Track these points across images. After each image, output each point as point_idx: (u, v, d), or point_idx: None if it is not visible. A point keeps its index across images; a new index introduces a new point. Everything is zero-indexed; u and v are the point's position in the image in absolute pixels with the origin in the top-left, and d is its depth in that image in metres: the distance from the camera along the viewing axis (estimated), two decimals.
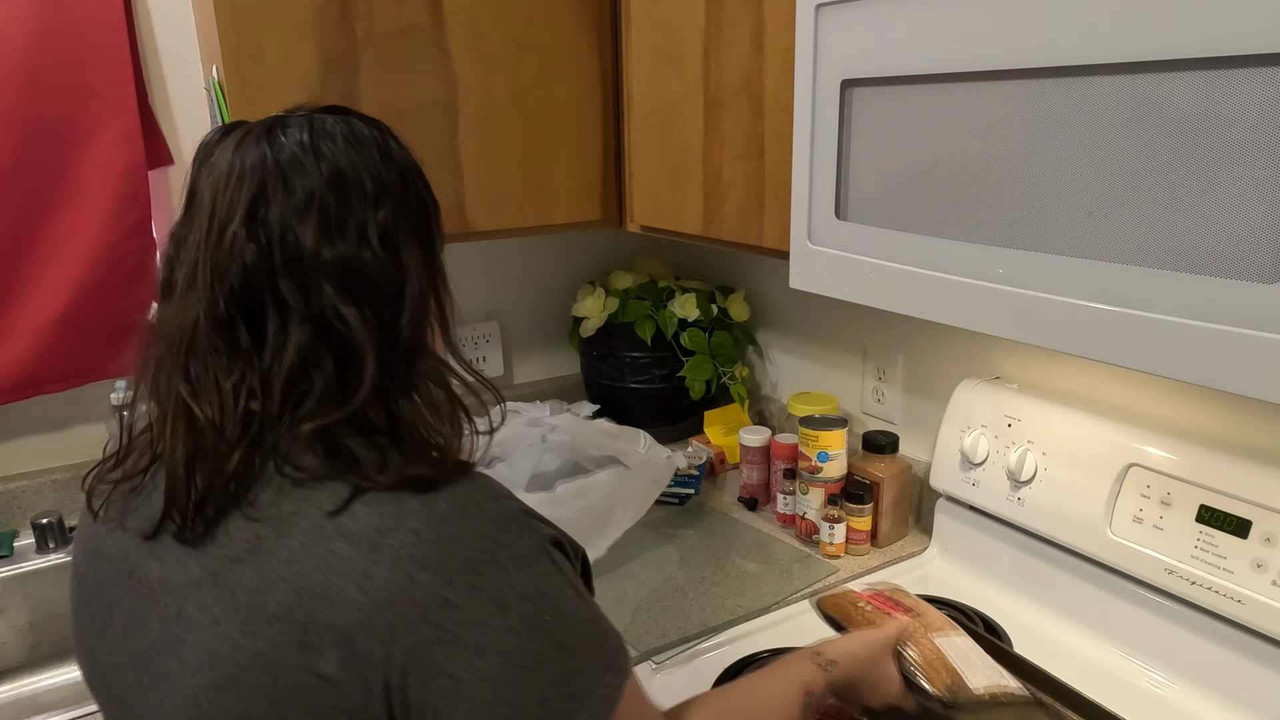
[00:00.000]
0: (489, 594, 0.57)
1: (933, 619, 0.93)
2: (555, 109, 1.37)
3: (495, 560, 0.58)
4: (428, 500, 0.59)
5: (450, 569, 0.57)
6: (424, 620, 0.55)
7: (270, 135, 0.64)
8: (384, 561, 0.56)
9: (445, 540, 0.57)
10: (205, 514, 0.60)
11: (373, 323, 0.62)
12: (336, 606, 0.55)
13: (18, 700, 1.36)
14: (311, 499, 0.58)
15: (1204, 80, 0.61)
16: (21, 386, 1.35)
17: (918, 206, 0.85)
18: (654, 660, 1.07)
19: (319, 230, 0.61)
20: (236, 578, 0.58)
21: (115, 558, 0.65)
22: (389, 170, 0.66)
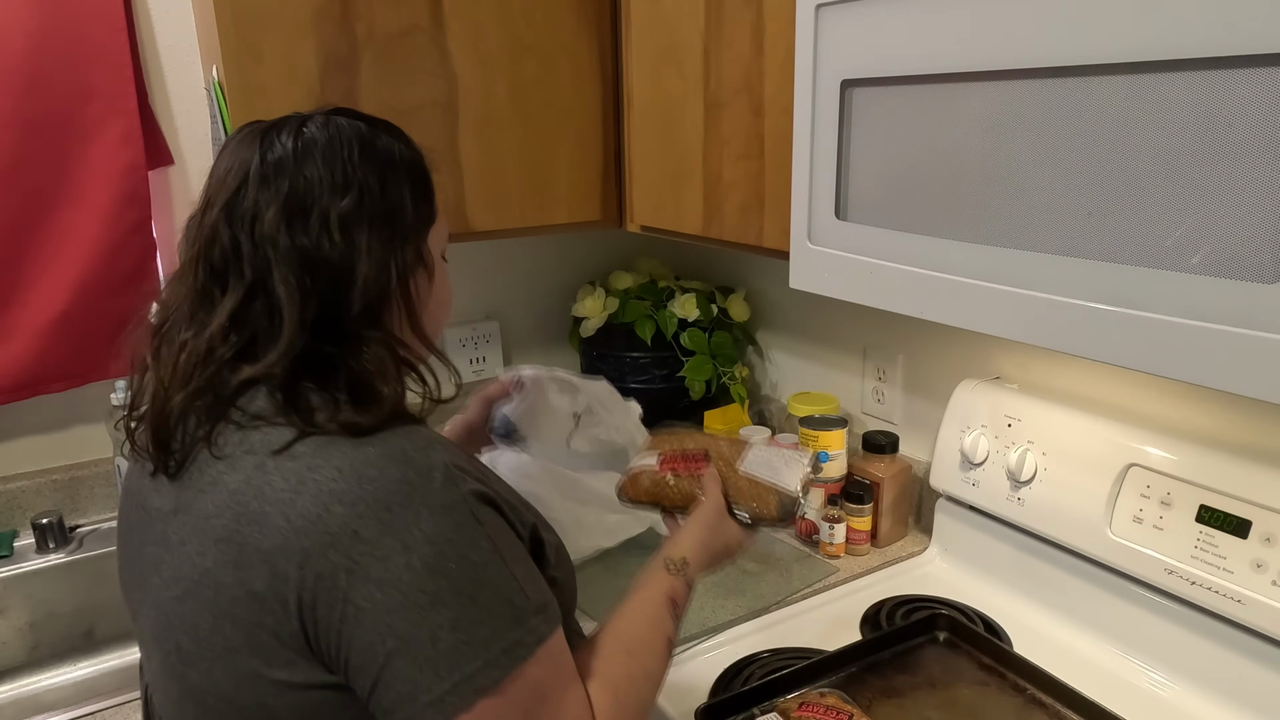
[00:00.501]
0: (396, 532, 0.62)
1: (724, 449, 0.96)
2: (555, 109, 1.37)
3: (409, 503, 0.63)
4: (360, 444, 0.65)
5: (363, 505, 0.62)
6: (333, 548, 0.61)
7: (264, 137, 0.72)
8: (307, 494, 0.63)
9: (365, 479, 0.63)
10: (173, 454, 0.69)
11: (310, 292, 0.69)
12: (265, 531, 0.63)
13: (18, 700, 1.36)
14: (264, 440, 0.66)
15: (1204, 80, 0.61)
16: (21, 386, 1.35)
17: (918, 206, 0.85)
18: None
19: (279, 217, 0.69)
20: (199, 506, 0.66)
21: (135, 491, 0.76)
22: (366, 170, 0.73)
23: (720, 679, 1.03)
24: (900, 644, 1.06)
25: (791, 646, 1.09)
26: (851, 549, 1.31)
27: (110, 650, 1.43)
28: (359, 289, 0.71)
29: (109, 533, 1.46)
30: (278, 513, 0.63)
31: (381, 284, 0.73)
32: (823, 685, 0.98)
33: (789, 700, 0.93)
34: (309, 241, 0.70)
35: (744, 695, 0.95)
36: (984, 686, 0.99)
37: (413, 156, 0.79)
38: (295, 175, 0.71)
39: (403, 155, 0.77)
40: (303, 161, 0.71)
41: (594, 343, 1.72)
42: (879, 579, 1.25)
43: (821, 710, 0.90)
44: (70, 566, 1.40)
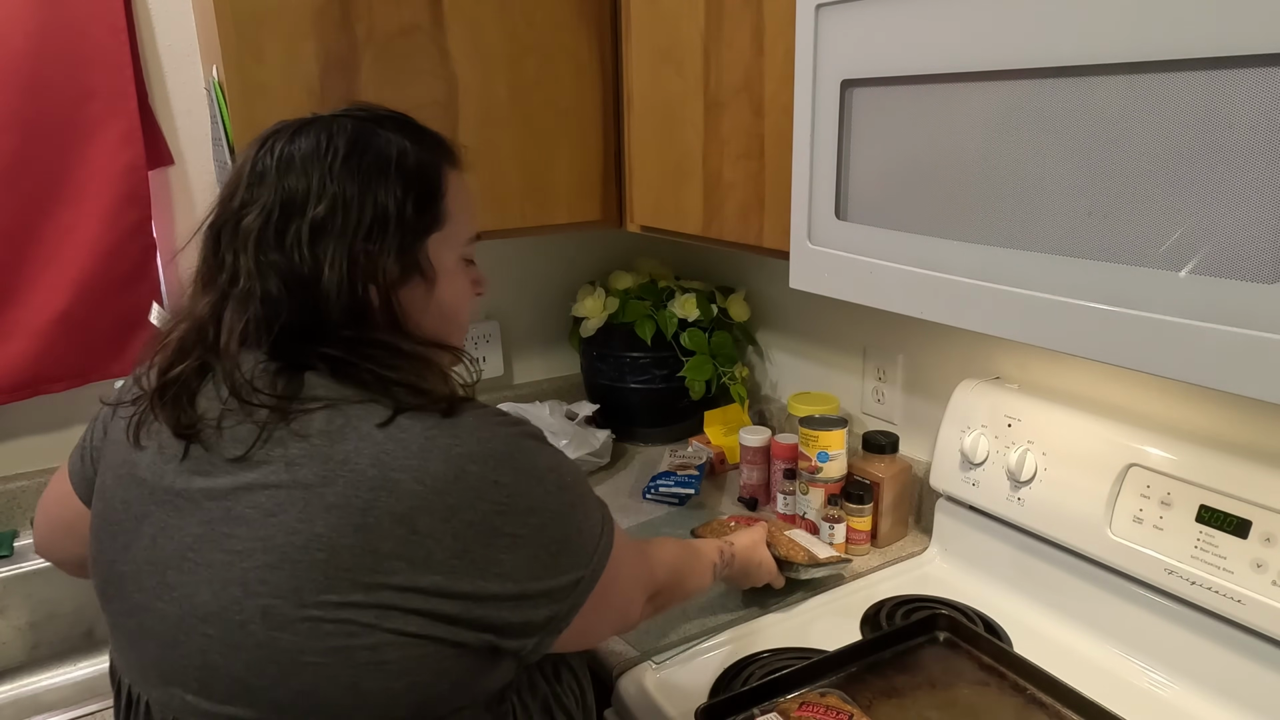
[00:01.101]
0: (527, 472, 0.72)
1: (781, 523, 1.31)
2: (555, 109, 1.37)
3: (523, 449, 0.73)
4: (456, 418, 0.72)
5: (494, 460, 0.70)
6: (480, 498, 0.69)
7: (264, 142, 0.77)
8: (436, 459, 0.68)
9: (483, 440, 0.71)
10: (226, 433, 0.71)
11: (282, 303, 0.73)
12: (396, 495, 0.66)
13: (18, 700, 1.36)
14: (359, 415, 0.70)
15: (1204, 80, 0.61)
16: (21, 386, 1.35)
17: (918, 206, 0.85)
18: (654, 660, 1.07)
19: (257, 217, 0.74)
20: (294, 477, 0.68)
21: (150, 479, 0.74)
22: (345, 178, 0.75)
23: (720, 679, 1.03)
24: (900, 644, 1.06)
25: (791, 646, 1.09)
26: (852, 549, 1.31)
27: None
28: (329, 302, 0.73)
29: None
30: (409, 478, 0.67)
31: (354, 298, 0.74)
32: (823, 685, 0.98)
33: (789, 700, 0.93)
34: (279, 254, 0.73)
35: (744, 695, 0.95)
36: (984, 686, 0.99)
37: (418, 160, 0.78)
38: (275, 184, 0.74)
39: (402, 160, 0.77)
40: (284, 171, 0.74)
41: (594, 343, 1.72)
42: (879, 579, 1.25)
43: (821, 710, 0.92)
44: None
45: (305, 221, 0.73)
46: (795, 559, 1.17)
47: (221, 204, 0.77)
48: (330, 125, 0.77)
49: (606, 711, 1.06)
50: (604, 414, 1.70)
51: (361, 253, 0.74)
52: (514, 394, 1.76)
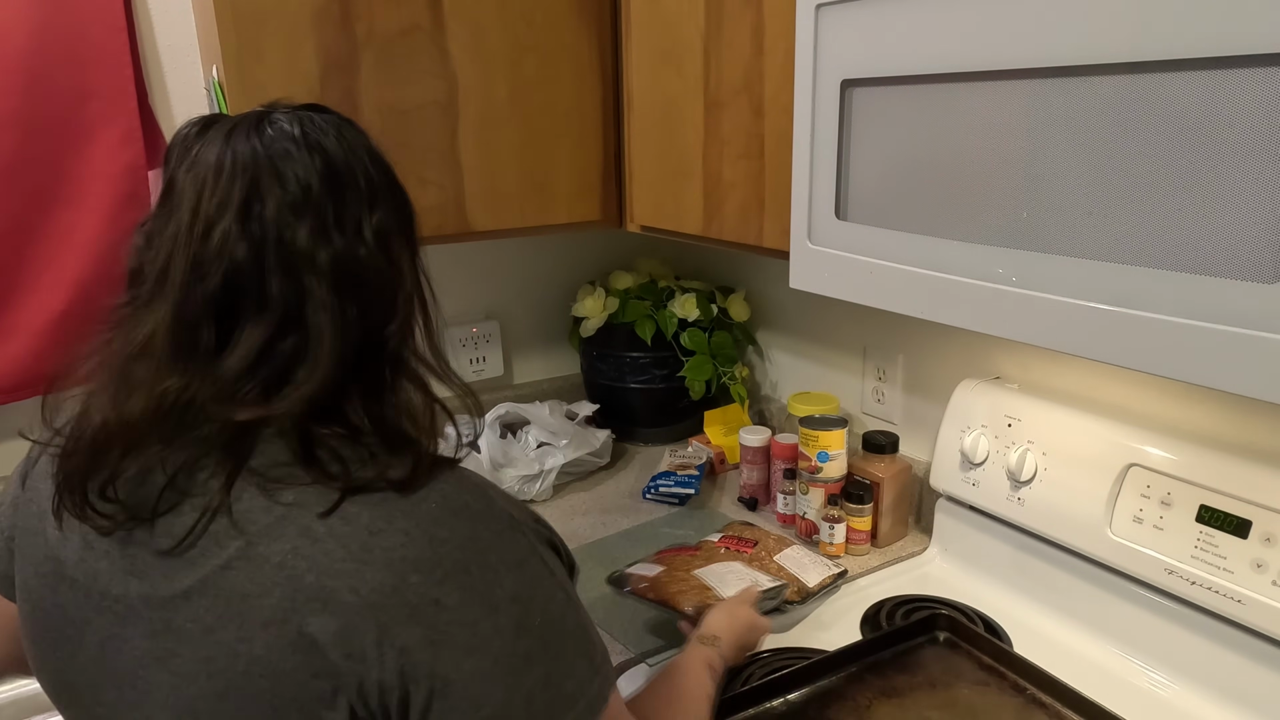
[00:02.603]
0: (479, 595, 0.58)
1: (771, 544, 1.22)
2: (555, 109, 1.37)
3: (486, 562, 0.59)
4: (417, 501, 0.59)
5: (441, 570, 0.57)
6: (414, 620, 0.56)
7: (259, 128, 0.62)
8: (376, 564, 0.56)
9: (436, 541, 0.58)
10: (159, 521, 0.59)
11: (354, 322, 0.61)
12: (331, 608, 0.56)
13: (18, 700, 1.36)
14: (300, 502, 0.58)
15: (1204, 80, 0.61)
16: (21, 386, 1.35)
17: (918, 206, 0.85)
18: (649, 661, 1.07)
19: (315, 228, 0.60)
20: (229, 584, 0.57)
21: (82, 579, 0.63)
22: (378, 171, 0.66)
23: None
24: (900, 644, 1.06)
25: (791, 646, 1.09)
26: (852, 549, 1.31)
27: None
28: (400, 308, 0.65)
29: None
30: (344, 587, 0.56)
31: (412, 298, 0.66)
32: (823, 685, 0.98)
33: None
34: (351, 261, 0.61)
35: (744, 695, 0.95)
36: (984, 686, 0.99)
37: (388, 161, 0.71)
38: (322, 185, 0.62)
39: (387, 160, 0.69)
40: (324, 162, 0.62)
41: (594, 343, 1.72)
42: (879, 579, 1.25)
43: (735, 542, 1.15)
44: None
45: (370, 224, 0.63)
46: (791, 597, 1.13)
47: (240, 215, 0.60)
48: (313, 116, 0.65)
49: None
50: (604, 414, 1.70)
51: (414, 253, 0.67)
52: (514, 394, 1.76)
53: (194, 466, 0.59)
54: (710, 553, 1.17)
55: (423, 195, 1.29)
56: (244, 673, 0.57)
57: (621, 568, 1.19)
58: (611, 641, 1.10)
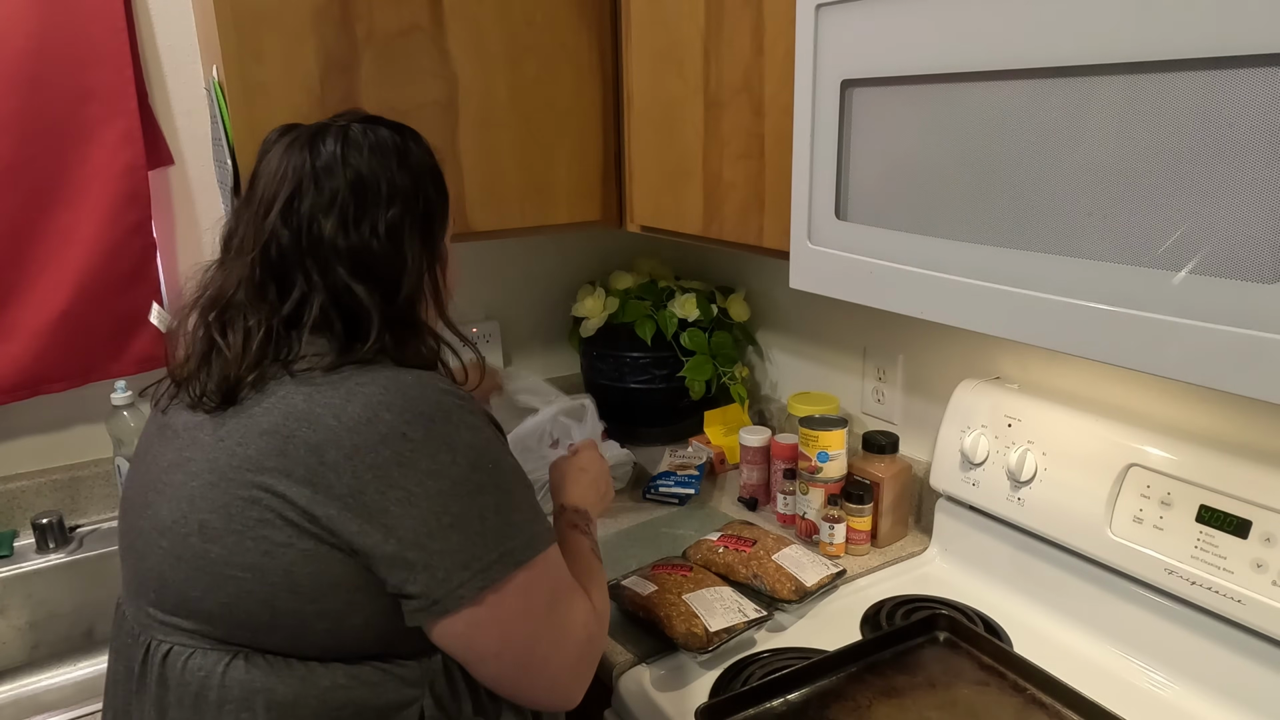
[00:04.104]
0: (441, 437, 0.74)
1: (770, 543, 1.23)
2: (555, 109, 1.37)
3: (449, 419, 0.75)
4: (399, 373, 0.76)
5: (410, 414, 0.73)
6: (384, 444, 0.72)
7: (312, 143, 0.81)
8: (357, 402, 0.73)
9: (408, 395, 0.74)
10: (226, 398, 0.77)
11: (376, 296, 0.80)
12: (314, 427, 0.72)
13: (18, 700, 1.36)
14: (312, 365, 0.76)
15: (1204, 80, 0.61)
16: (21, 386, 1.35)
17: (918, 206, 0.85)
18: (649, 660, 1.07)
19: (338, 223, 0.79)
20: (247, 414, 0.75)
21: (154, 422, 0.85)
22: (403, 175, 0.83)
23: (720, 679, 1.03)
24: (900, 644, 1.06)
25: (791, 646, 1.09)
26: (852, 549, 1.31)
27: None
28: (405, 290, 0.82)
29: (109, 533, 1.46)
30: (328, 414, 0.72)
31: (419, 282, 0.84)
32: (823, 685, 0.98)
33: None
34: (364, 248, 0.80)
35: (744, 695, 0.95)
36: (984, 686, 0.99)
37: (434, 162, 0.88)
38: (348, 187, 0.80)
39: (426, 162, 0.86)
40: (354, 175, 0.80)
41: (594, 343, 1.72)
42: (879, 579, 1.25)
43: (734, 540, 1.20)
44: (70, 566, 1.40)
45: (382, 220, 0.81)
46: (781, 595, 1.14)
47: (283, 210, 0.80)
48: (365, 132, 0.83)
49: (606, 712, 1.06)
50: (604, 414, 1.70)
51: (425, 244, 0.84)
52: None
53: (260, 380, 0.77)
54: (700, 575, 1.16)
55: None
56: (237, 467, 0.73)
57: (617, 577, 1.19)
58: (610, 641, 1.10)
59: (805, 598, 1.15)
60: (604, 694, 1.06)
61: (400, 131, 0.86)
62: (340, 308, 0.79)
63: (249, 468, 0.73)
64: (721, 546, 1.23)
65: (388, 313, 0.81)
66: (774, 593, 1.15)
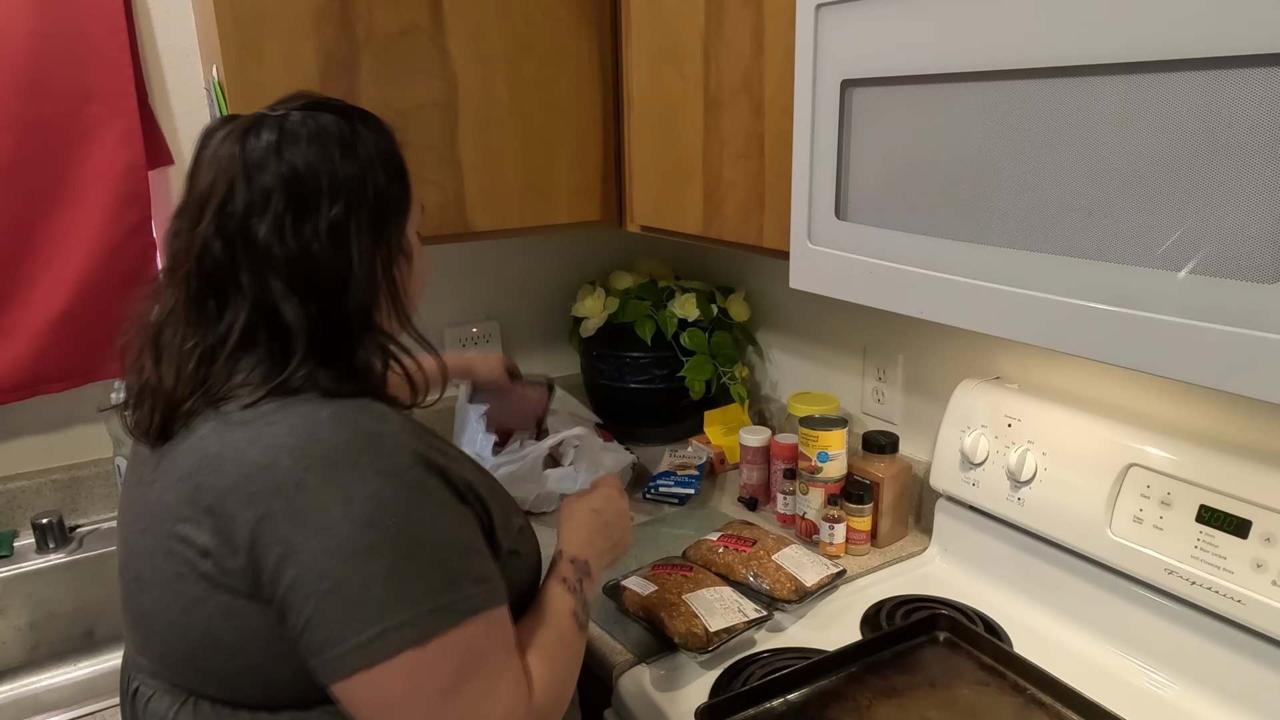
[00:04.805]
0: (339, 486, 0.66)
1: (771, 544, 1.23)
2: (555, 109, 1.37)
3: (354, 463, 0.67)
4: (318, 406, 0.70)
5: (311, 459, 0.67)
6: (277, 494, 0.66)
7: (245, 137, 0.73)
8: (260, 444, 0.68)
9: (314, 438, 0.68)
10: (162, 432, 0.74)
11: (313, 312, 0.73)
12: (219, 473, 0.68)
13: (18, 700, 1.36)
14: (237, 398, 0.71)
15: (1204, 80, 0.61)
16: (21, 386, 1.35)
17: (917, 206, 0.85)
18: (648, 660, 1.07)
19: (273, 228, 0.71)
20: (173, 453, 0.72)
21: (133, 462, 0.81)
22: (348, 165, 0.74)
23: (720, 679, 1.03)
24: (900, 644, 1.06)
25: (791, 646, 1.09)
26: (851, 549, 1.31)
27: (110, 650, 1.43)
28: (353, 295, 0.74)
29: (109, 533, 1.46)
30: (232, 458, 0.68)
31: (373, 285, 0.76)
32: (823, 685, 0.98)
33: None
34: (302, 254, 0.72)
35: (744, 695, 0.95)
36: (984, 686, 0.99)
37: (389, 146, 0.79)
38: (283, 186, 0.72)
39: (380, 147, 0.78)
40: (289, 170, 0.72)
41: (594, 343, 1.72)
42: (879, 579, 1.25)
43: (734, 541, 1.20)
44: (70, 566, 1.40)
45: (323, 219, 0.72)
46: (781, 595, 1.14)
47: (219, 206, 0.72)
48: (305, 122, 0.75)
49: (606, 711, 1.06)
50: (604, 414, 1.70)
51: (377, 241, 0.76)
52: None
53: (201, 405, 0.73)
54: (700, 575, 1.16)
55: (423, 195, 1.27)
56: (159, 515, 0.71)
57: (617, 577, 1.19)
58: (610, 641, 1.10)
59: (805, 598, 1.15)
60: (604, 694, 1.06)
61: (347, 115, 0.77)
62: (274, 327, 0.72)
63: (168, 516, 0.70)
64: (721, 546, 1.23)
65: (331, 327, 0.73)
66: (774, 593, 1.15)
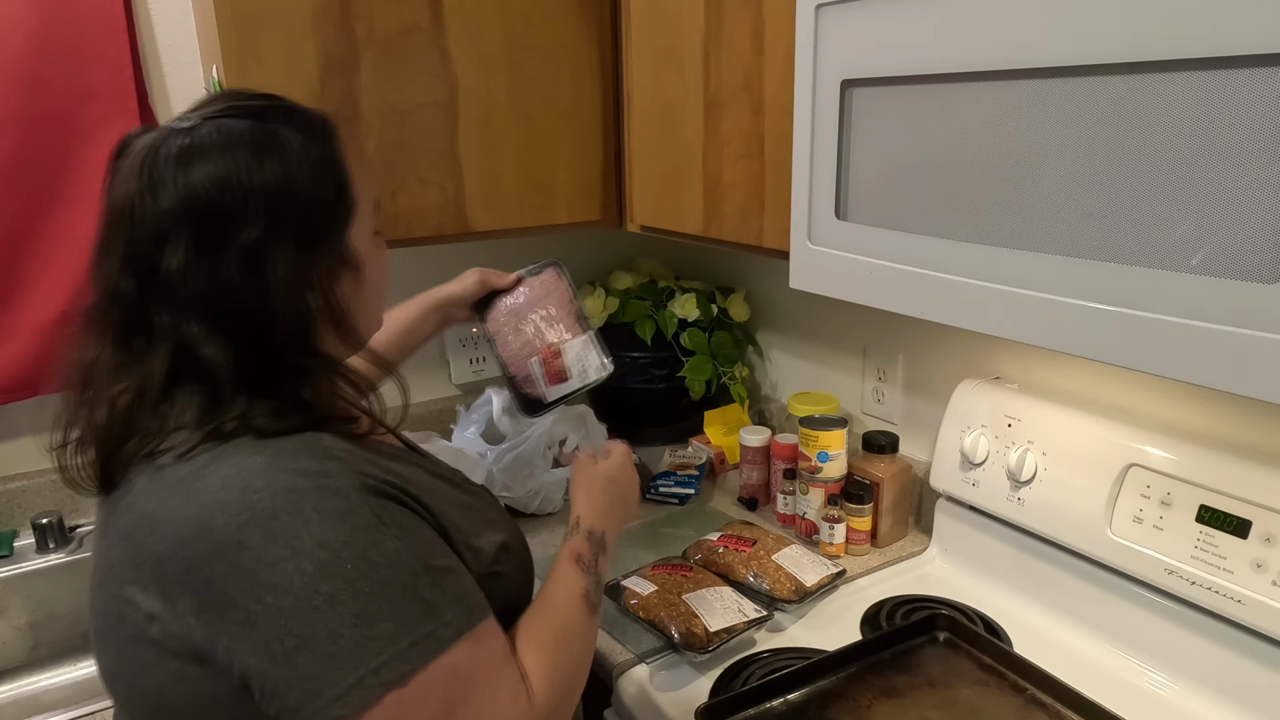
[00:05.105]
0: (283, 539, 0.62)
1: (771, 544, 1.23)
2: (555, 109, 1.37)
3: (297, 512, 0.62)
4: (254, 450, 0.65)
5: (248, 514, 0.62)
6: (219, 556, 0.61)
7: (149, 155, 0.67)
8: (194, 503, 0.63)
9: (249, 490, 0.63)
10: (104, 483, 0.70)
11: (240, 350, 0.67)
12: (158, 533, 0.64)
13: (18, 700, 1.36)
14: (174, 445, 0.66)
15: (1204, 80, 0.61)
16: (21, 386, 1.35)
17: (917, 206, 0.85)
18: (648, 660, 1.07)
19: (180, 261, 0.66)
20: (117, 505, 0.68)
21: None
22: (266, 174, 0.67)
23: (720, 679, 1.03)
24: (900, 644, 1.06)
25: (791, 646, 1.09)
26: (851, 549, 1.31)
27: None
28: (280, 326, 0.68)
29: None
30: (169, 518, 0.63)
31: (301, 313, 0.69)
32: (823, 685, 0.98)
33: None
34: (216, 287, 0.66)
35: (744, 695, 0.95)
36: (984, 686, 0.99)
37: (319, 148, 0.72)
38: (187, 211, 0.65)
39: (306, 150, 0.70)
40: (192, 192, 0.65)
41: None
42: (879, 579, 1.25)
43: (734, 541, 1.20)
44: (70, 566, 1.40)
45: (237, 244, 0.66)
46: (781, 595, 1.14)
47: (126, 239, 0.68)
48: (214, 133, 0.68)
49: (606, 711, 1.06)
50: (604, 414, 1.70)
51: (306, 261, 0.69)
52: None
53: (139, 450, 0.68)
54: (700, 575, 1.17)
55: (423, 195, 1.29)
56: (107, 574, 0.67)
57: (617, 576, 1.19)
58: (610, 641, 1.10)
59: (805, 598, 1.15)
60: (604, 694, 1.06)
61: (263, 116, 0.70)
62: (197, 368, 0.66)
63: (115, 576, 0.66)
64: (721, 546, 1.23)
65: (261, 362, 0.68)
66: (774, 593, 1.15)
